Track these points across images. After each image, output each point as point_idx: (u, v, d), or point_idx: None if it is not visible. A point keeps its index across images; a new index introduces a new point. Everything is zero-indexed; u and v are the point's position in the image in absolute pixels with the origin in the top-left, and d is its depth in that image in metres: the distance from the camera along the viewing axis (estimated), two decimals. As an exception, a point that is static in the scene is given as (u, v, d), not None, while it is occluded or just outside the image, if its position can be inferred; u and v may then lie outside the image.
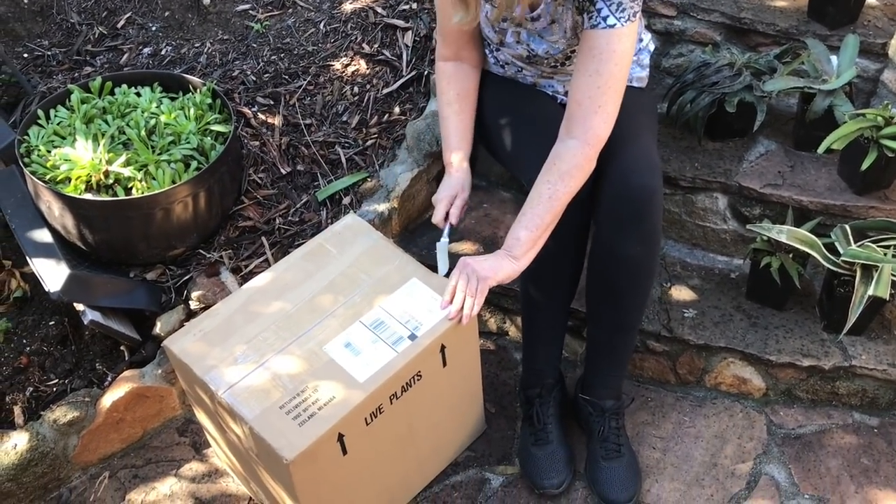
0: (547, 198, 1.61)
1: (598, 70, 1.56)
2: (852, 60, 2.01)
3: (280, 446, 1.47)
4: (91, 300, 1.96)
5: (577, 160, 1.60)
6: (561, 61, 1.77)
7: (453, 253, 2.20)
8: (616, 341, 1.85)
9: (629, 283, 1.74)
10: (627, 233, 1.67)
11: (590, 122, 1.59)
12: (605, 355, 1.88)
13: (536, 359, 1.92)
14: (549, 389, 1.91)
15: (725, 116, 2.08)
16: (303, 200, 2.28)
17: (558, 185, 1.60)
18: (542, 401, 1.91)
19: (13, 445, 1.81)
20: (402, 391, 1.62)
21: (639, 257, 1.69)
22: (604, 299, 1.80)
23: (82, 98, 2.21)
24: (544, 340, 1.91)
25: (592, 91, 1.57)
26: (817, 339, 1.98)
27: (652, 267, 1.73)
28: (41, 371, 2.00)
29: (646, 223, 1.66)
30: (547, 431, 1.88)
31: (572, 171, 1.60)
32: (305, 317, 1.66)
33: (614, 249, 1.69)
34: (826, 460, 1.91)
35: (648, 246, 1.69)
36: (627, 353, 1.88)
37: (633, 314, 1.80)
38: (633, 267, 1.71)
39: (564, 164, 1.60)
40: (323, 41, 2.66)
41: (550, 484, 1.84)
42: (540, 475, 1.85)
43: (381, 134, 2.41)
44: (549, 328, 1.89)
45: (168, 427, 2.05)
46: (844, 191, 2.02)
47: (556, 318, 1.89)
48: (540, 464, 1.86)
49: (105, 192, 2.03)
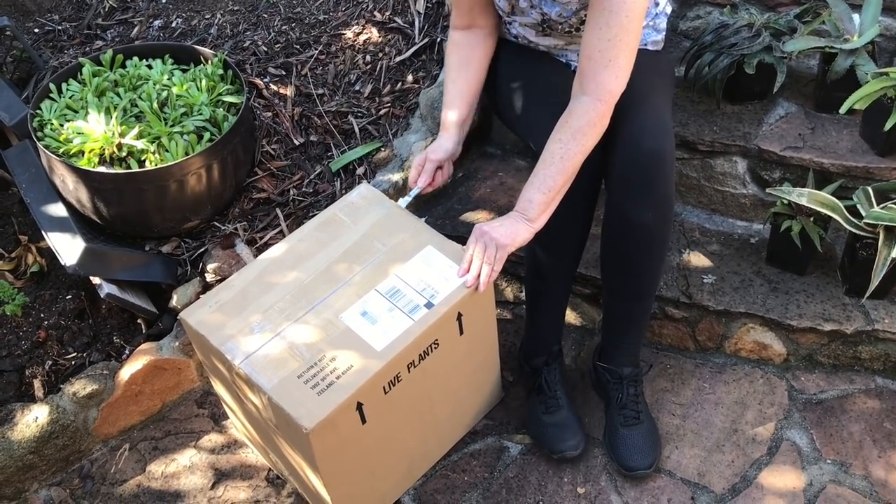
0: (559, 158, 1.58)
1: (608, 23, 1.53)
2: (875, 18, 1.96)
3: (299, 415, 1.47)
4: (107, 273, 1.96)
5: (589, 117, 1.57)
6: (575, 26, 1.73)
7: (469, 221, 2.18)
8: (632, 309, 1.83)
9: (643, 249, 1.71)
10: (639, 198, 1.64)
11: (601, 77, 1.56)
12: (621, 323, 1.86)
13: (542, 327, 1.91)
14: (554, 357, 1.91)
15: (744, 78, 2.04)
16: (316, 171, 2.27)
17: (570, 144, 1.57)
18: (549, 369, 1.90)
19: (34, 418, 1.82)
20: (420, 359, 1.61)
21: (652, 223, 1.67)
22: (618, 267, 1.78)
23: (94, 71, 2.20)
24: (549, 309, 1.89)
25: (602, 45, 1.54)
26: (839, 303, 1.96)
27: (666, 233, 1.71)
28: (59, 345, 2.01)
29: (658, 188, 1.63)
30: (557, 398, 1.88)
31: (585, 129, 1.57)
32: (321, 286, 1.65)
33: (627, 215, 1.67)
34: (848, 425, 1.89)
35: (661, 211, 1.67)
36: (644, 321, 1.86)
37: (649, 281, 1.78)
38: (647, 233, 1.68)
39: (577, 122, 1.57)
40: (334, 10, 2.62)
41: (569, 446, 1.84)
42: (557, 440, 1.84)
43: (394, 103, 2.39)
44: (554, 296, 1.88)
45: (187, 399, 2.05)
46: (867, 152, 1.98)
47: (562, 287, 1.87)
48: (555, 430, 1.85)
49: (118, 165, 2.03)
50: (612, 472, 1.84)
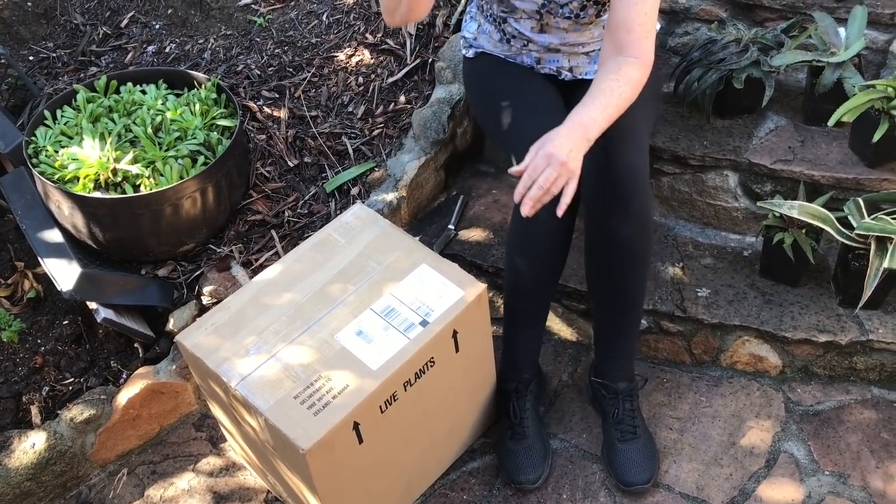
0: (617, 94, 1.54)
1: None
2: (860, 32, 1.98)
3: (296, 436, 1.47)
4: (103, 298, 1.97)
5: (638, 74, 1.57)
6: (575, 11, 1.73)
7: (463, 239, 2.19)
8: (620, 323, 1.84)
9: (625, 263, 1.72)
10: (616, 213, 1.66)
11: (643, 46, 1.58)
12: (612, 338, 1.87)
13: (516, 351, 1.90)
14: (525, 385, 1.89)
15: (733, 93, 2.06)
16: (311, 192, 2.28)
17: (626, 88, 1.55)
18: (518, 395, 1.88)
19: (31, 445, 1.82)
20: (416, 378, 1.61)
21: (631, 237, 1.68)
22: (602, 282, 1.79)
23: (88, 97, 2.21)
24: (526, 332, 1.88)
25: (642, 18, 1.56)
26: (833, 314, 1.96)
27: (646, 245, 1.72)
28: (56, 370, 2.01)
29: (633, 203, 1.65)
30: (524, 426, 1.86)
31: (635, 82, 1.56)
32: (316, 306, 1.66)
33: (606, 231, 1.69)
34: (845, 436, 1.89)
35: (640, 224, 1.68)
36: (634, 334, 1.87)
37: (634, 295, 1.79)
38: (627, 247, 1.70)
39: (632, 72, 1.56)
40: (326, 32, 2.65)
41: (527, 479, 1.82)
42: (516, 470, 1.83)
43: (387, 123, 2.41)
44: (532, 317, 1.86)
45: (184, 422, 2.05)
46: (856, 164, 2.00)
47: (540, 307, 1.86)
48: (517, 458, 1.84)
49: (114, 190, 2.04)
50: (610, 488, 1.84)
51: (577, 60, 1.87)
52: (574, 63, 1.87)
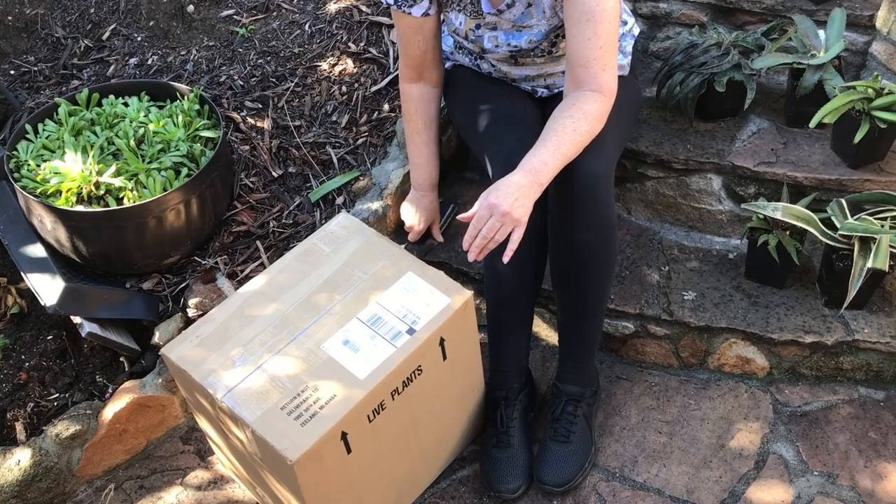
0: (571, 130, 1.57)
1: (596, 32, 1.56)
2: (840, 34, 2.00)
3: (283, 447, 1.46)
4: (88, 312, 1.95)
5: (597, 106, 1.59)
6: (547, 49, 1.75)
7: (448, 247, 2.19)
8: (577, 327, 1.84)
9: (584, 268, 1.73)
10: (575, 218, 1.67)
11: (601, 79, 1.60)
12: (567, 340, 1.88)
13: (502, 361, 1.90)
14: (514, 393, 1.88)
15: (715, 96, 2.07)
16: (296, 202, 2.27)
17: (581, 123, 1.57)
18: (507, 404, 1.88)
19: (16, 462, 1.80)
20: (404, 386, 1.61)
21: (591, 243, 1.68)
22: (560, 285, 1.80)
23: (70, 111, 2.20)
24: (511, 341, 1.88)
25: (596, 53, 1.58)
26: (819, 315, 1.97)
27: (607, 252, 1.72)
28: (41, 386, 1.99)
29: (592, 210, 1.66)
30: (509, 435, 1.85)
31: (593, 115, 1.58)
32: (302, 316, 1.65)
33: (564, 235, 1.70)
34: (834, 436, 1.90)
35: (599, 231, 1.68)
36: (590, 340, 1.86)
37: (592, 301, 1.79)
38: (586, 252, 1.70)
39: (587, 105, 1.58)
40: (309, 42, 2.64)
41: (506, 489, 1.81)
42: (497, 479, 1.82)
43: (371, 132, 2.40)
44: (515, 326, 1.87)
45: (171, 436, 2.03)
46: (839, 165, 2.01)
47: (522, 316, 1.86)
48: (499, 467, 1.83)
49: (97, 203, 2.03)
50: (601, 494, 1.84)
51: (553, 80, 1.88)
52: (550, 81, 1.89)
